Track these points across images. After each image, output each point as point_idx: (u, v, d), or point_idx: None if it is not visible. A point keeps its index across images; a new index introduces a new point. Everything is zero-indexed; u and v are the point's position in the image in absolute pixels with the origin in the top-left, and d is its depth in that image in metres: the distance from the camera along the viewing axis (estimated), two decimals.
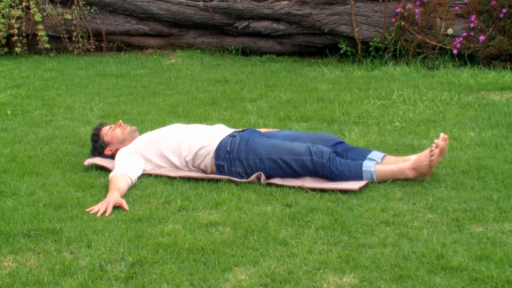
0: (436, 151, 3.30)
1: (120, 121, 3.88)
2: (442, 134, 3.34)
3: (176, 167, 3.62)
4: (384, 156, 3.55)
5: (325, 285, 2.39)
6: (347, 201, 3.17)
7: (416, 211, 3.02)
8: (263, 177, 3.44)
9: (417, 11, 6.62)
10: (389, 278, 2.41)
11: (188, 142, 3.60)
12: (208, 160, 3.55)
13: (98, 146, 3.81)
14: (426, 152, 3.34)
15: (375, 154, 3.54)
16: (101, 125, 3.90)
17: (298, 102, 5.21)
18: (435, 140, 3.33)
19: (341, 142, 3.64)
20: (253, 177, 3.44)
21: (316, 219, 2.94)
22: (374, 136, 4.21)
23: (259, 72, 6.66)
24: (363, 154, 3.54)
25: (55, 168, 3.73)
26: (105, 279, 2.44)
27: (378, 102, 5.09)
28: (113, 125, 3.88)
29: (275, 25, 7.35)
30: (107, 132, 3.82)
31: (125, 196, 3.28)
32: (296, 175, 3.47)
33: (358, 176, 3.39)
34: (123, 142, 3.79)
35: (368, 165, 3.40)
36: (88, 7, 7.79)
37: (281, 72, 6.68)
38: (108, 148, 3.80)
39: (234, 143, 3.53)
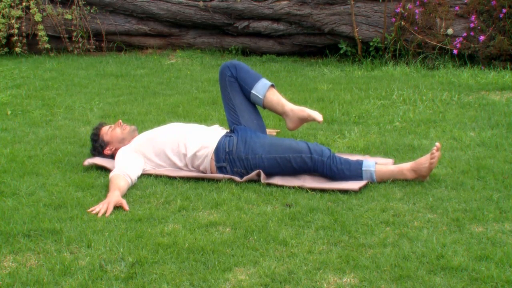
0: (437, 154, 3.30)
1: (120, 120, 3.88)
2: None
3: (176, 166, 3.62)
4: None
5: (325, 285, 2.39)
6: (347, 201, 3.17)
7: (416, 211, 3.02)
8: (262, 175, 3.44)
9: (417, 11, 6.62)
10: (389, 278, 2.41)
11: (186, 142, 3.60)
12: (207, 162, 3.55)
13: (98, 146, 3.81)
14: (426, 156, 3.34)
15: None
16: (101, 124, 3.90)
17: (298, 102, 5.20)
18: (436, 143, 3.33)
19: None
20: (253, 174, 3.44)
21: (316, 219, 2.94)
22: (374, 136, 4.21)
23: (259, 72, 6.64)
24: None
25: (55, 168, 3.72)
26: (105, 279, 2.44)
27: (378, 102, 5.10)
28: (112, 125, 3.88)
29: (275, 25, 7.35)
30: (106, 131, 3.82)
31: (125, 196, 3.28)
32: (295, 172, 3.48)
33: (357, 176, 3.39)
34: (123, 141, 3.79)
35: (368, 165, 3.40)
36: (88, 7, 7.80)
37: (281, 72, 6.68)
38: (107, 148, 3.79)
39: (233, 143, 3.53)
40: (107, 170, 3.62)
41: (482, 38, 6.32)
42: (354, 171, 3.40)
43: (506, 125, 4.32)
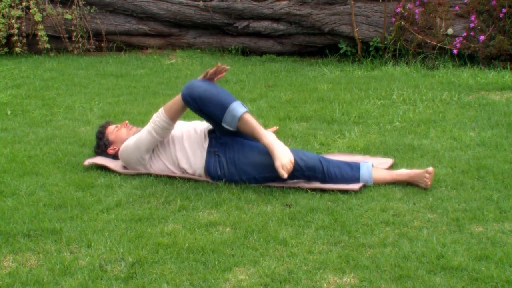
0: (430, 177, 3.26)
1: (127, 121, 3.86)
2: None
3: (174, 173, 3.59)
4: None
5: (325, 285, 2.39)
6: (347, 201, 3.17)
7: (416, 211, 3.02)
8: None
9: (417, 11, 6.62)
10: (389, 278, 2.41)
11: (177, 155, 3.55)
12: (203, 179, 3.53)
13: (102, 144, 3.79)
14: (420, 173, 3.30)
15: None
16: (107, 123, 3.88)
17: (298, 102, 5.21)
18: (428, 168, 3.27)
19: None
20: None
21: (316, 219, 2.94)
22: (374, 136, 4.21)
23: (259, 72, 6.67)
24: None
25: (55, 168, 3.73)
26: (105, 279, 2.44)
27: (378, 102, 5.09)
28: (119, 125, 3.86)
29: (275, 25, 7.35)
30: (112, 131, 3.80)
31: (125, 195, 3.27)
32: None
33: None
34: None
35: (365, 180, 3.36)
36: (88, 7, 7.79)
37: (281, 72, 6.68)
38: (111, 147, 3.78)
39: (223, 167, 3.45)
40: (107, 170, 3.63)
41: (482, 38, 6.32)
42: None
43: (506, 125, 4.32)
